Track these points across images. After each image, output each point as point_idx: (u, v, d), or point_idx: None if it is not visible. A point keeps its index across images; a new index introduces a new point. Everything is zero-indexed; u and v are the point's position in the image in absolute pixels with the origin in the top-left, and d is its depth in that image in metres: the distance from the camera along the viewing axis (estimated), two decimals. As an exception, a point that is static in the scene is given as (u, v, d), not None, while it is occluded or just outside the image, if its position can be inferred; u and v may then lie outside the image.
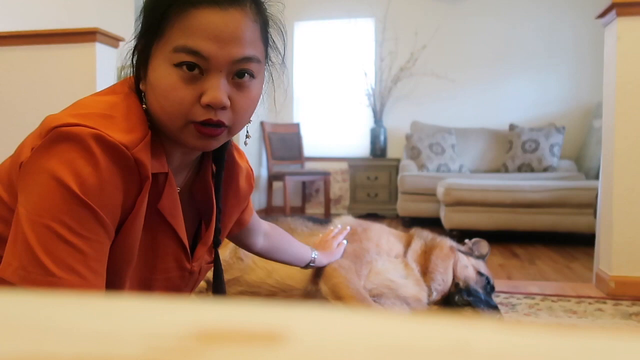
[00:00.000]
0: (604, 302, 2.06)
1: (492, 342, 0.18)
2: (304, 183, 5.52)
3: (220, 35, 0.78)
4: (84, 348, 0.18)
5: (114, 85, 0.89)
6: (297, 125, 5.46)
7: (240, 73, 0.81)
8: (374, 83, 5.36)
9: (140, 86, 0.85)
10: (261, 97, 0.89)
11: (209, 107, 0.79)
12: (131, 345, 0.18)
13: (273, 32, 0.90)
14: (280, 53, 0.93)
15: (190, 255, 0.96)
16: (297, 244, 1.46)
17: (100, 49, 2.46)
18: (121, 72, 3.23)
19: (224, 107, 0.80)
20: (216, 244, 1.02)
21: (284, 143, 5.30)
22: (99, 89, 2.42)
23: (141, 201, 0.81)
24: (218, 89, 0.78)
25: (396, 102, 5.34)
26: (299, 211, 5.50)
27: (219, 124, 0.81)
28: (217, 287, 1.07)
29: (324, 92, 5.54)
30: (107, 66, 2.51)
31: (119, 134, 0.76)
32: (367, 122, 5.42)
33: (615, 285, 2.19)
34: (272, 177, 5.06)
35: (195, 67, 0.78)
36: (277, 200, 5.44)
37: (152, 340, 0.18)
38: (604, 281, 2.25)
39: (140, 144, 0.78)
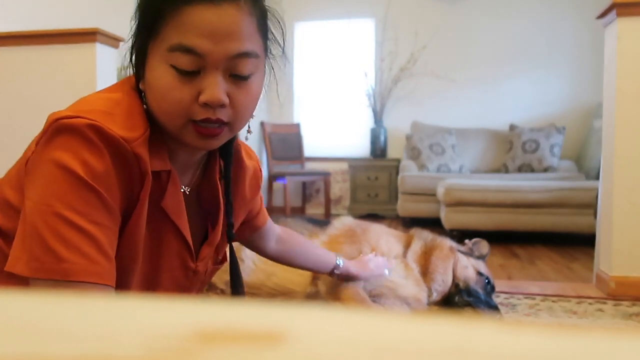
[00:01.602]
0: (604, 303, 2.06)
1: (493, 343, 0.18)
2: (304, 183, 5.52)
3: (214, 32, 0.76)
4: (85, 349, 0.18)
5: (116, 83, 0.89)
6: (297, 126, 5.46)
7: (238, 69, 0.79)
8: (374, 83, 5.36)
9: (140, 85, 0.84)
10: (263, 91, 0.88)
11: (207, 105, 0.78)
12: (131, 346, 0.18)
13: (272, 24, 0.88)
14: (280, 45, 0.91)
15: (194, 255, 0.95)
16: (316, 250, 1.44)
17: (100, 49, 2.46)
18: (121, 73, 3.24)
19: (222, 105, 0.79)
20: (230, 237, 1.00)
21: (284, 143, 5.30)
22: (99, 89, 2.41)
23: (144, 197, 0.80)
24: (216, 87, 0.77)
25: (396, 102, 5.34)
26: (299, 211, 5.50)
27: (218, 122, 0.80)
28: (235, 282, 1.07)
29: (325, 93, 5.54)
30: (107, 66, 2.52)
31: (119, 130, 0.76)
32: (367, 122, 5.42)
33: (615, 285, 2.19)
34: (273, 177, 5.06)
35: (192, 65, 0.77)
36: (278, 201, 5.44)
37: (152, 340, 0.18)
38: (604, 281, 2.25)
39: (139, 139, 0.78)
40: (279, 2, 5.52)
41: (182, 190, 0.91)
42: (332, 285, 1.59)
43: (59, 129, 0.73)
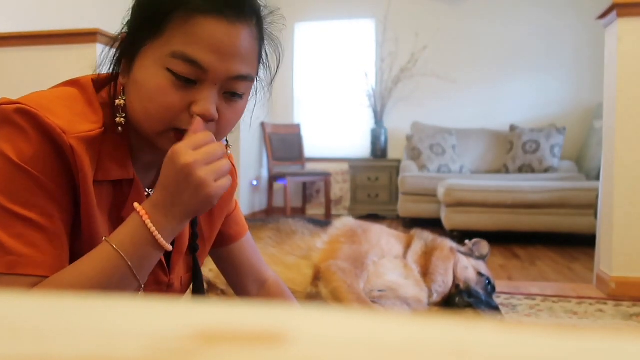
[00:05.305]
0: (605, 303, 2.06)
1: (493, 344, 0.18)
2: (304, 184, 5.52)
3: (222, 49, 0.75)
4: (85, 349, 0.18)
5: (72, 79, 0.86)
6: (297, 126, 5.47)
7: (232, 89, 0.78)
8: (375, 84, 5.36)
9: (120, 79, 0.81)
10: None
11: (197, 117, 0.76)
12: (132, 346, 0.18)
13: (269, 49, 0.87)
14: (271, 73, 0.90)
15: (167, 267, 0.89)
16: None
17: (100, 50, 2.45)
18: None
19: (211, 120, 0.77)
20: (193, 249, 0.94)
21: (285, 144, 5.31)
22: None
23: (86, 201, 0.75)
24: (210, 102, 0.76)
25: (397, 102, 5.34)
26: (300, 212, 5.50)
27: None
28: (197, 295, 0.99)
29: (325, 93, 5.55)
30: (108, 67, 2.51)
31: (58, 120, 0.73)
32: (367, 122, 5.42)
33: (615, 286, 2.19)
34: (273, 178, 5.06)
35: (191, 75, 0.75)
36: (278, 201, 5.44)
37: (153, 341, 0.18)
38: (605, 282, 2.25)
39: (81, 134, 0.74)
40: (279, 2, 5.54)
41: (146, 193, 0.86)
42: (333, 287, 1.59)
43: None
